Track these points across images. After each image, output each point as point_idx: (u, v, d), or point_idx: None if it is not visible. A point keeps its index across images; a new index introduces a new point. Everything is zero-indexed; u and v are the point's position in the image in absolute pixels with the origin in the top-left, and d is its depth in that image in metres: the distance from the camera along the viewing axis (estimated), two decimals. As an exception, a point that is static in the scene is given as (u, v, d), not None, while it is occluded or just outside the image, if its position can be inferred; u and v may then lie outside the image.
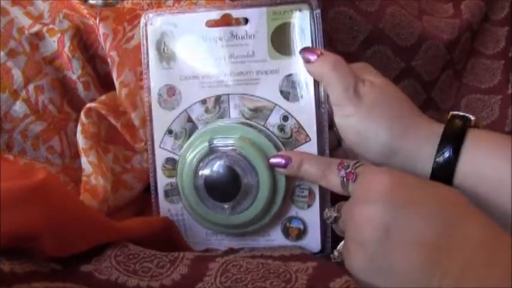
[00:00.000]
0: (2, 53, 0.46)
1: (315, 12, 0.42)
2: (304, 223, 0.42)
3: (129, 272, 0.35)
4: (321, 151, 0.42)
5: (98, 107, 0.45)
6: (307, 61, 0.41)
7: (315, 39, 0.42)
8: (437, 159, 0.38)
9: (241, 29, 0.42)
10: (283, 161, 0.41)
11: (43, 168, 0.40)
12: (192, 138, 0.43)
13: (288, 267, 0.34)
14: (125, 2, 0.54)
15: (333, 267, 0.35)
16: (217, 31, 0.42)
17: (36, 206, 0.33)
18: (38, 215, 0.33)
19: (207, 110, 0.43)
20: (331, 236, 0.42)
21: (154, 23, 0.43)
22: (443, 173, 0.38)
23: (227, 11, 0.42)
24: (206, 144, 0.41)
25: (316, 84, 0.42)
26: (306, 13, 0.42)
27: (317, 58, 0.40)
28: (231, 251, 0.40)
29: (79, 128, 0.46)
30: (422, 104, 0.60)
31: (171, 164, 0.43)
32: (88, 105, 0.46)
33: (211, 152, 0.41)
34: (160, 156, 0.43)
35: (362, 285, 0.33)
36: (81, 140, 0.45)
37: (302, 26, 0.42)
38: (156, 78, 0.43)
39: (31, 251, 0.35)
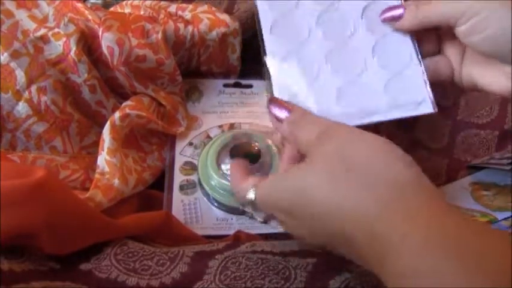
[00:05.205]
0: (5, 54, 0.46)
1: None
2: None
3: (129, 270, 0.35)
4: None
5: (140, 115, 0.49)
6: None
7: None
8: None
9: (248, 90, 0.58)
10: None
11: (42, 167, 0.40)
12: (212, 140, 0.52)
13: (287, 263, 0.34)
14: (124, 2, 0.54)
15: (332, 264, 0.34)
16: (231, 89, 0.58)
17: (35, 204, 0.33)
18: (37, 213, 0.33)
19: (223, 131, 0.54)
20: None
21: (187, 81, 0.57)
22: None
23: (238, 80, 0.58)
24: (230, 134, 0.52)
25: None
26: None
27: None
28: (233, 245, 0.39)
29: (109, 127, 0.47)
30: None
31: (189, 165, 0.51)
32: (127, 111, 0.48)
33: (234, 140, 0.51)
34: (180, 159, 0.52)
35: None
36: (108, 140, 0.46)
37: None
38: None
39: (30, 250, 0.34)
